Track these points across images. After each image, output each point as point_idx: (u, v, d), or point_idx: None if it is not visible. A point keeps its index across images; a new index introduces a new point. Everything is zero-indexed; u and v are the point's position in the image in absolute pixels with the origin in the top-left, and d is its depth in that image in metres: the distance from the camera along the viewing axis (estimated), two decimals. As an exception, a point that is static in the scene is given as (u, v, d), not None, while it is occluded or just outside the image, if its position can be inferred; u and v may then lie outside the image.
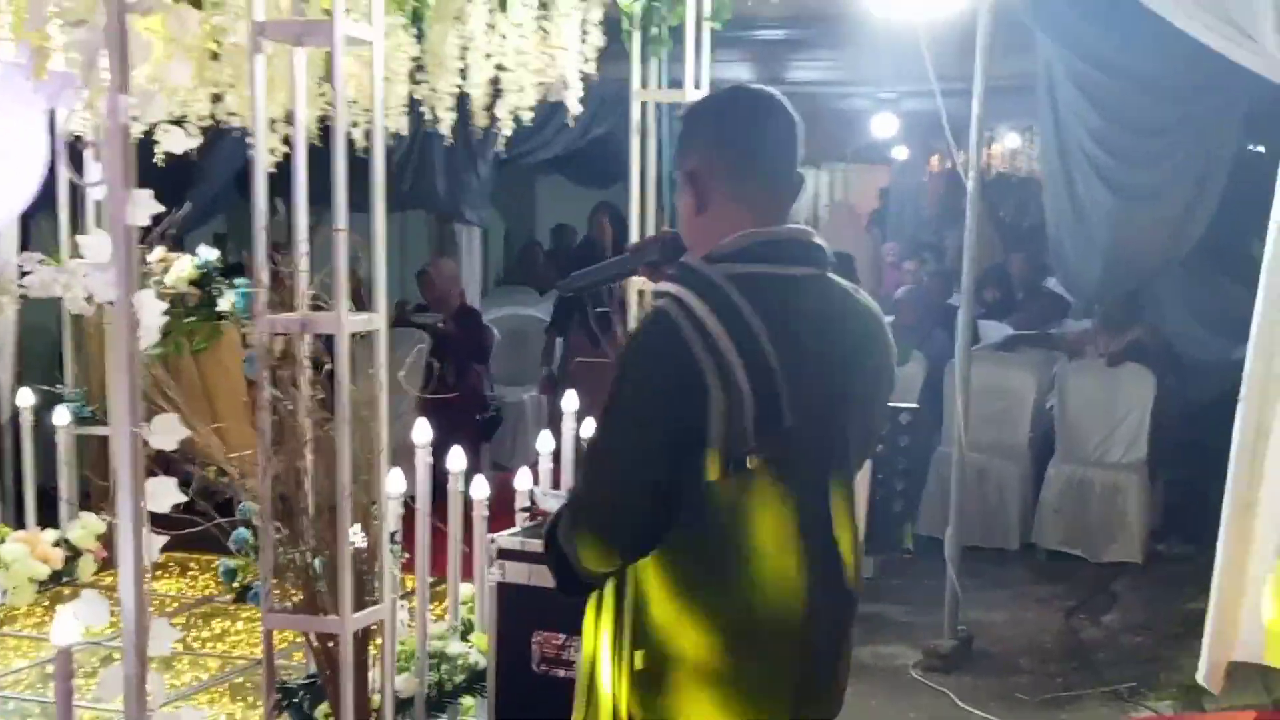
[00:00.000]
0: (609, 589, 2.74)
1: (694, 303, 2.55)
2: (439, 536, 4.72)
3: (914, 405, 8.20)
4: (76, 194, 6.04)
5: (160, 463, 3.14)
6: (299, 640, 4.59)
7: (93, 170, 5.42)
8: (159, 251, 6.40)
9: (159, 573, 6.06)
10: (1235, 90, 6.57)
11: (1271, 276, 4.87)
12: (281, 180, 3.88)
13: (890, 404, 3.69)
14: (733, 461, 2.54)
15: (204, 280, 6.57)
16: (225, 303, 6.46)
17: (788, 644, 2.68)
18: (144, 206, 2.91)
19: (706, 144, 2.73)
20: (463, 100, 5.12)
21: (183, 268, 6.52)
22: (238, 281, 6.40)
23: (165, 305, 3.10)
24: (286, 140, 4.02)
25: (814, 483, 2.69)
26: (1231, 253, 8.61)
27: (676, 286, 2.60)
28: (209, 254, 6.61)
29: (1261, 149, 8.70)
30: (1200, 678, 5.27)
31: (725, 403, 2.51)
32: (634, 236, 5.83)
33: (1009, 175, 18.75)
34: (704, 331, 2.52)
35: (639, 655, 2.65)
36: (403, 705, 4.48)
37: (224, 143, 6.37)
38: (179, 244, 6.86)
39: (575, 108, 5.36)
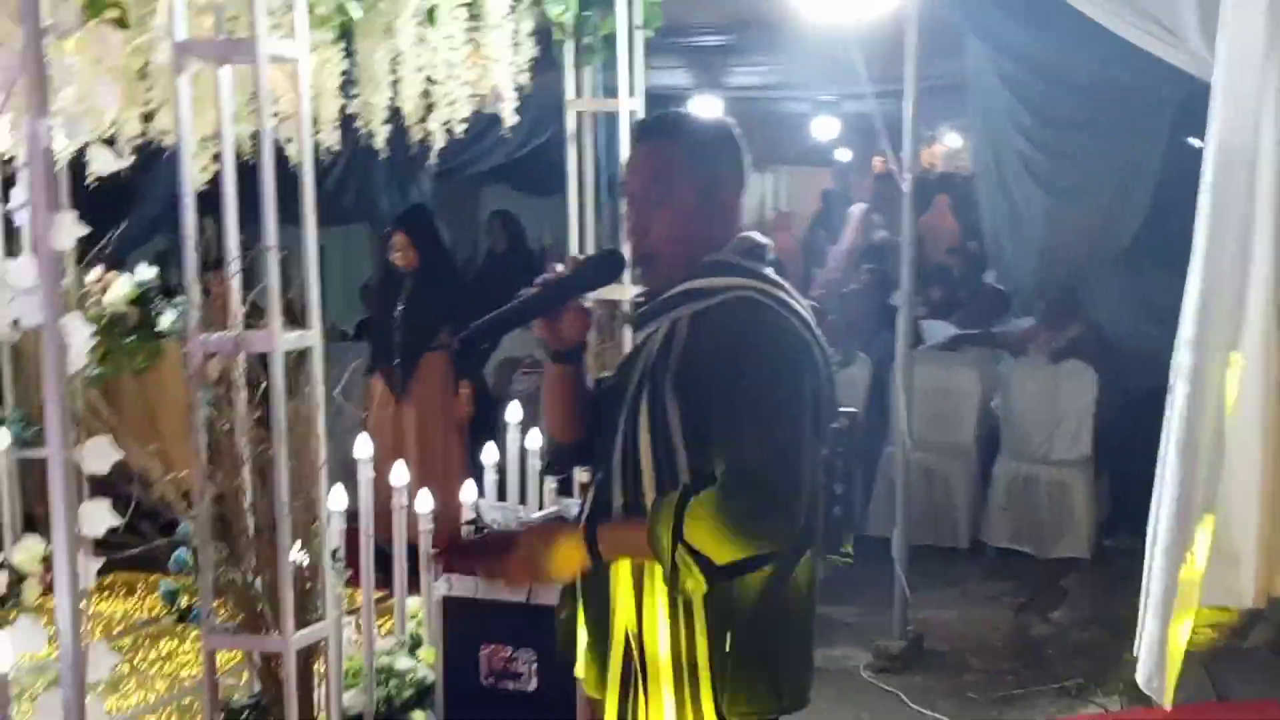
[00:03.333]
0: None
1: (770, 297, 2.77)
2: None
3: (853, 410, 8.24)
4: (7, 218, 5.99)
5: (102, 484, 3.12)
6: (245, 659, 4.57)
7: (19, 193, 5.37)
8: (97, 272, 6.36)
9: (105, 594, 6.02)
10: (1164, 86, 6.64)
11: (1205, 265, 4.92)
12: (218, 197, 3.87)
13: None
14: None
15: (143, 300, 6.54)
16: (165, 322, 6.43)
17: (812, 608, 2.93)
18: (69, 229, 2.89)
19: (719, 160, 2.91)
20: (397, 113, 5.12)
21: (121, 287, 6.49)
22: (177, 301, 6.37)
23: (94, 328, 3.08)
24: (219, 158, 4.01)
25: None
26: (1170, 245, 8.66)
27: (745, 279, 2.78)
28: (147, 273, 6.58)
29: (1198, 142, 8.77)
30: (1143, 682, 5.31)
31: (825, 378, 2.78)
32: (573, 245, 5.83)
33: (953, 174, 18.84)
34: (799, 316, 2.77)
35: (730, 637, 2.75)
36: (351, 721, 4.47)
37: (162, 162, 6.33)
38: (120, 264, 6.82)
39: (510, 119, 5.36)
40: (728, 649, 2.75)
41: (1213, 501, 5.13)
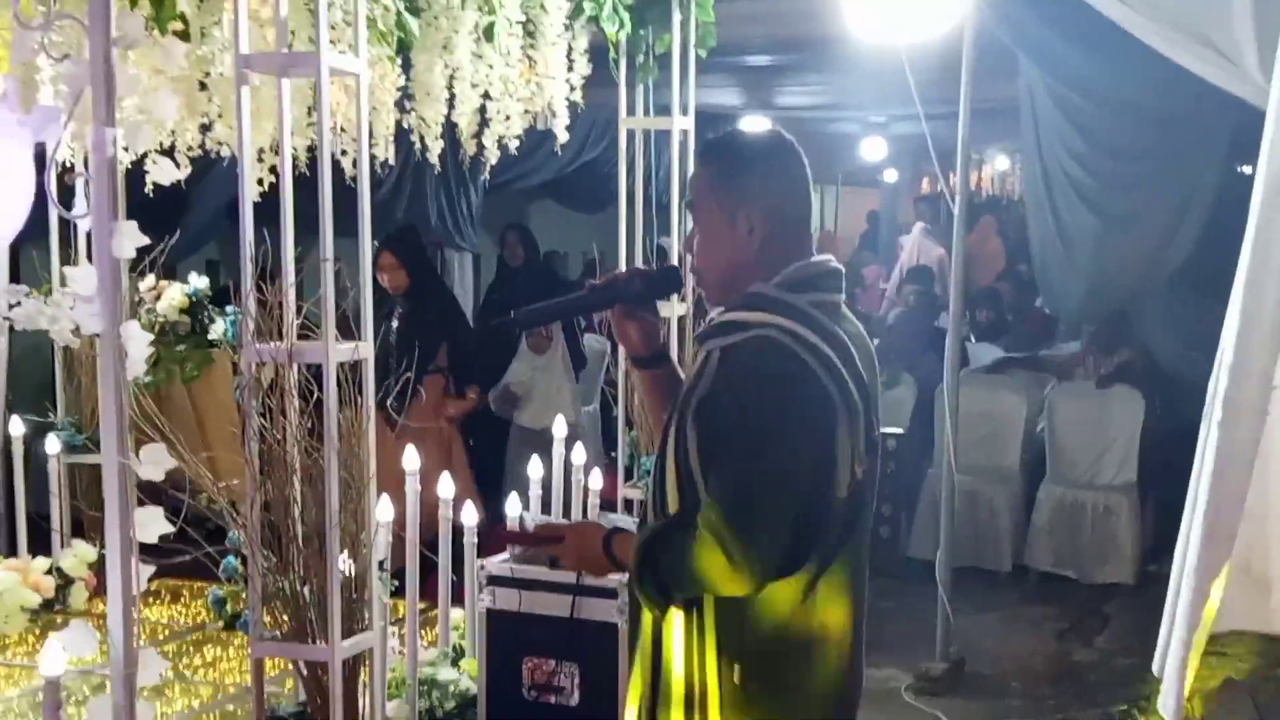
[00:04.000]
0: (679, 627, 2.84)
1: (801, 330, 2.71)
2: (432, 564, 4.73)
3: (899, 430, 8.24)
4: (67, 225, 6.06)
5: (151, 490, 3.16)
6: (290, 667, 4.59)
7: (81, 202, 5.44)
8: (150, 280, 6.43)
9: (151, 600, 6.05)
10: (1219, 113, 6.59)
11: (1246, 292, 4.89)
12: (271, 208, 3.90)
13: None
14: (854, 476, 2.76)
15: (194, 308, 6.59)
16: (216, 331, 6.48)
17: (854, 640, 2.92)
18: (130, 238, 2.93)
19: (767, 182, 2.88)
20: (452, 128, 5.15)
21: (173, 296, 6.55)
22: (228, 309, 6.42)
23: (152, 336, 3.11)
24: (275, 169, 4.04)
25: (874, 493, 2.93)
26: (1220, 274, 8.61)
27: (773, 316, 2.74)
28: (199, 282, 6.64)
29: (1249, 170, 8.71)
30: (1167, 713, 5.27)
31: (849, 422, 2.72)
32: (620, 260, 5.85)
33: (999, 197, 18.80)
34: (820, 355, 2.71)
35: (739, 668, 2.77)
36: (393, 732, 4.49)
37: (215, 172, 6.39)
38: (171, 272, 6.89)
39: (563, 135, 5.39)
40: (736, 680, 2.77)
41: (1241, 529, 5.10)
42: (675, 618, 2.83)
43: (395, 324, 7.11)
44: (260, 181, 4.28)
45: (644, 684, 2.94)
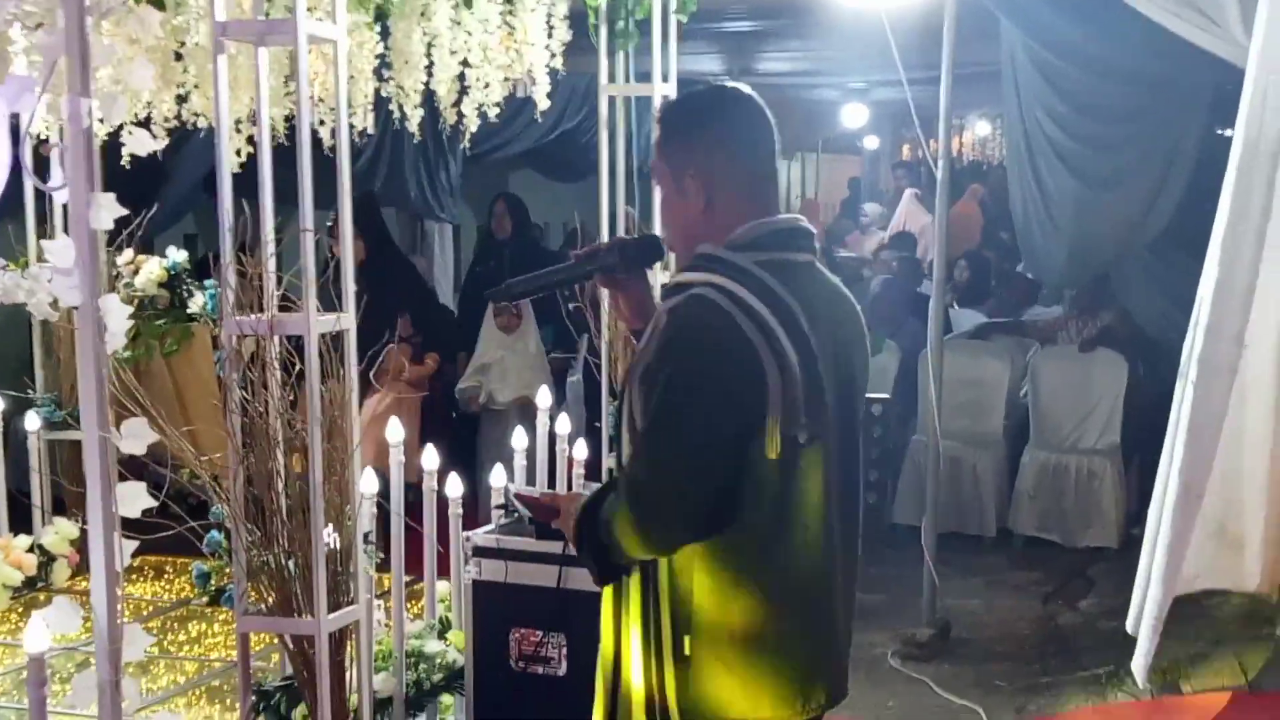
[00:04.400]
0: (633, 584, 2.81)
1: (737, 289, 2.66)
2: (415, 535, 4.71)
3: (885, 396, 8.24)
4: (42, 198, 6.01)
5: (133, 466, 3.13)
6: (276, 642, 4.57)
7: (57, 173, 5.37)
8: (128, 254, 6.38)
9: (134, 576, 6.04)
10: (1200, 75, 6.58)
11: (1222, 253, 4.90)
12: (249, 180, 3.86)
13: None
14: (786, 439, 2.66)
15: (173, 282, 6.55)
16: (195, 304, 6.44)
17: (822, 605, 2.84)
18: (108, 210, 2.88)
19: (710, 142, 2.83)
20: (430, 97, 5.11)
21: (152, 270, 6.50)
22: (207, 283, 6.37)
23: (131, 309, 3.08)
24: (253, 140, 4.00)
25: (840, 453, 2.83)
26: (1203, 236, 8.62)
27: (713, 275, 2.70)
28: (178, 255, 6.59)
29: (1231, 133, 8.71)
30: (1138, 671, 5.30)
31: (781, 382, 2.64)
32: (603, 230, 5.82)
33: (980, 162, 18.80)
34: (753, 314, 2.65)
35: (687, 640, 2.74)
36: (381, 705, 4.47)
37: (192, 143, 6.34)
38: (148, 246, 6.83)
39: (543, 103, 5.35)
40: (687, 652, 2.75)
41: (1215, 488, 5.13)
42: (632, 630, 2.82)
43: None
44: (238, 152, 4.24)
45: (605, 695, 2.95)
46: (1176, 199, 7.58)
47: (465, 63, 4.93)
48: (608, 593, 2.91)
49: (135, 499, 3.03)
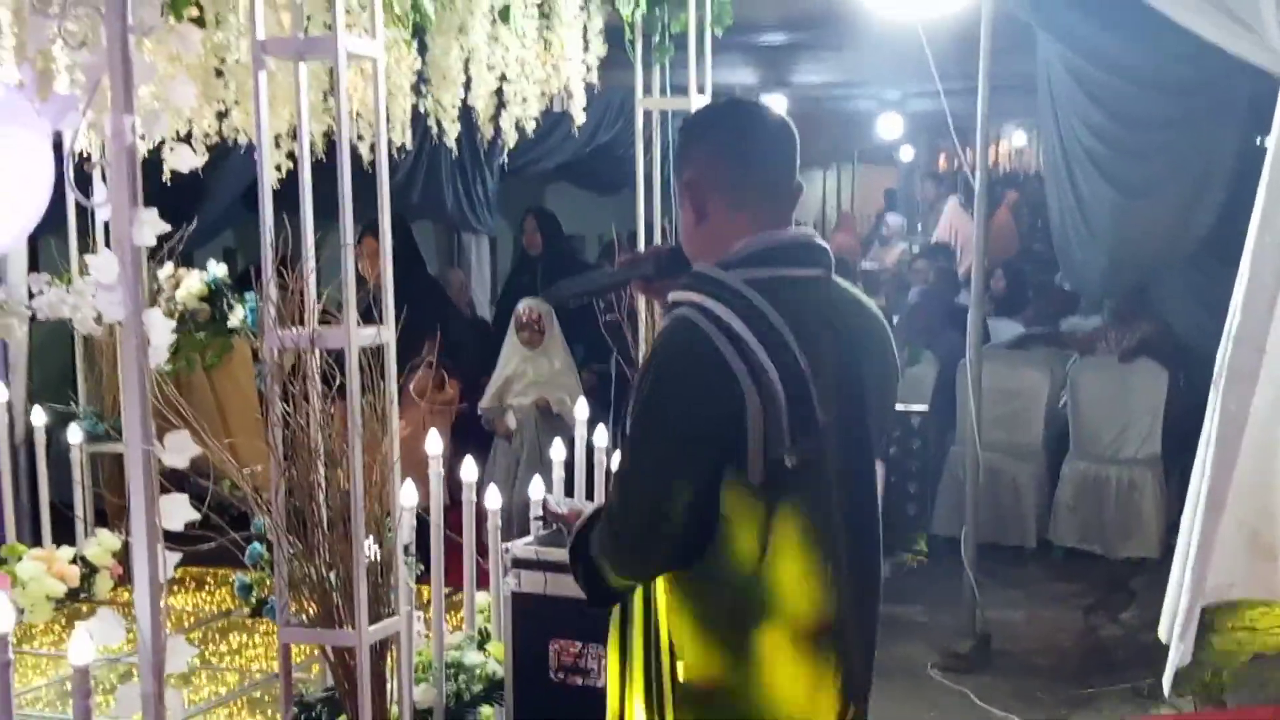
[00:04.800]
0: (637, 610, 2.76)
1: (718, 309, 2.58)
2: (454, 547, 4.73)
3: (924, 408, 8.22)
4: (85, 214, 6.06)
5: (174, 477, 3.15)
6: (316, 653, 4.59)
7: (100, 189, 5.43)
8: (169, 268, 6.43)
9: (175, 588, 6.07)
10: (1237, 84, 6.56)
11: (1253, 262, 4.87)
12: (289, 195, 3.89)
13: (901, 407, 3.73)
14: (770, 465, 2.55)
15: (213, 295, 6.59)
16: (235, 318, 6.48)
17: (827, 646, 2.70)
18: (150, 226, 2.92)
19: (705, 156, 2.77)
20: (467, 111, 5.14)
21: (192, 284, 6.55)
22: (247, 296, 6.42)
23: (174, 323, 3.11)
24: (292, 155, 4.04)
25: (843, 483, 2.70)
26: (1240, 245, 8.57)
27: (697, 295, 2.62)
28: (218, 269, 6.63)
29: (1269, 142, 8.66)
30: (1166, 682, 5.27)
31: (761, 406, 2.53)
32: (641, 245, 5.83)
33: (1016, 173, 18.76)
34: (733, 336, 2.55)
35: (681, 666, 2.67)
36: (421, 716, 4.48)
37: (231, 158, 6.38)
38: (188, 260, 6.89)
39: (580, 117, 5.37)
40: (682, 678, 2.68)
41: (1246, 496, 5.09)
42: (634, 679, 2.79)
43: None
44: (278, 168, 4.27)
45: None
46: (1215, 209, 7.55)
47: (502, 77, 4.96)
48: (614, 623, 2.87)
49: (178, 511, 3.07)
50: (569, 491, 5.15)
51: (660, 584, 2.70)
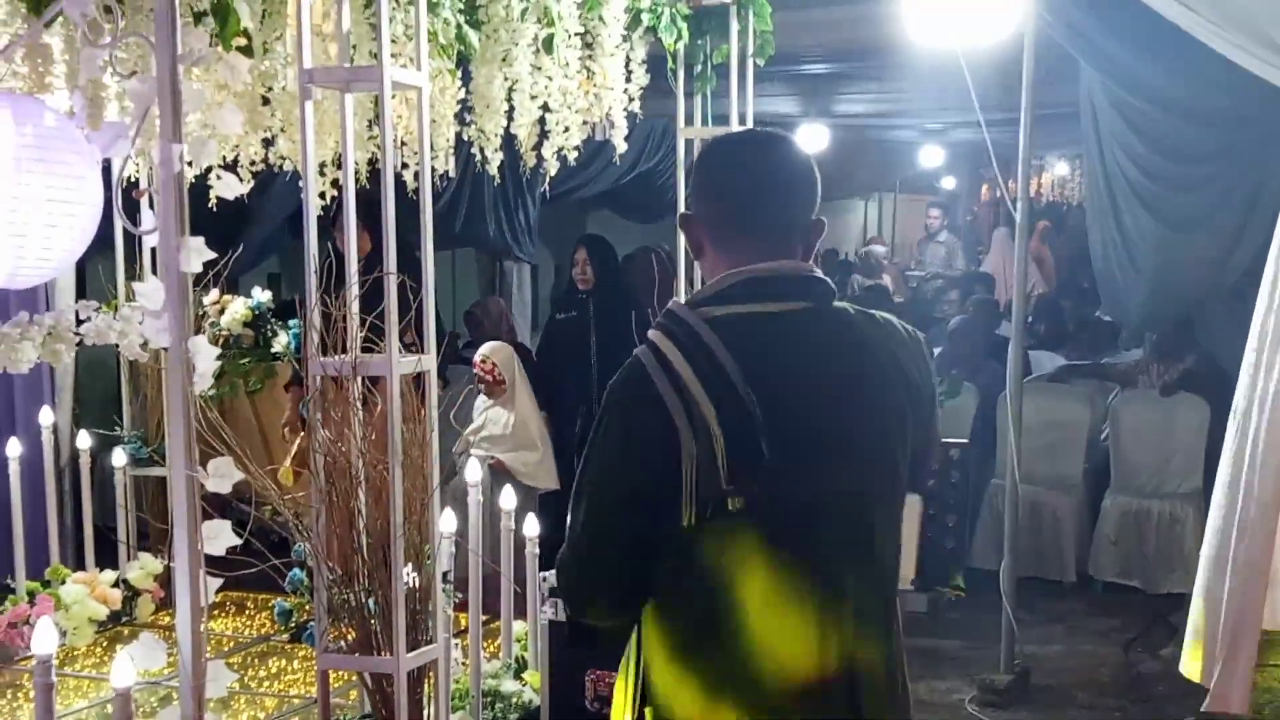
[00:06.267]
0: (631, 644, 2.74)
1: (665, 346, 2.53)
2: (492, 576, 4.74)
3: (964, 440, 8.19)
4: (131, 239, 6.12)
5: (216, 502, 3.18)
6: (354, 679, 4.61)
7: (147, 217, 5.49)
8: (214, 294, 6.48)
9: (215, 612, 6.09)
10: (1280, 116, 6.54)
11: (1272, 290, 4.87)
12: (328, 223, 3.92)
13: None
14: (710, 505, 2.47)
15: (257, 321, 6.64)
16: (279, 344, 6.52)
17: (807, 705, 2.55)
18: (197, 253, 2.95)
19: (695, 190, 2.76)
20: (510, 140, 5.16)
21: (237, 309, 6.60)
22: (291, 322, 6.46)
23: (219, 350, 3.13)
24: (337, 183, 4.07)
25: (815, 525, 2.56)
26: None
27: (655, 333, 2.58)
28: (262, 295, 6.68)
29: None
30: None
31: (695, 446, 2.45)
32: (682, 270, 5.85)
33: (1058, 204, 18.71)
34: (673, 374, 2.48)
35: (648, 712, 2.64)
36: (458, 743, 4.49)
37: (276, 185, 6.43)
38: (232, 285, 6.93)
39: (621, 146, 5.39)
40: None
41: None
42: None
43: None
44: (322, 195, 4.30)
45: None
46: (1259, 241, 7.48)
47: (545, 107, 4.98)
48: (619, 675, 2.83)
49: (220, 537, 3.09)
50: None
51: (644, 616, 2.66)
